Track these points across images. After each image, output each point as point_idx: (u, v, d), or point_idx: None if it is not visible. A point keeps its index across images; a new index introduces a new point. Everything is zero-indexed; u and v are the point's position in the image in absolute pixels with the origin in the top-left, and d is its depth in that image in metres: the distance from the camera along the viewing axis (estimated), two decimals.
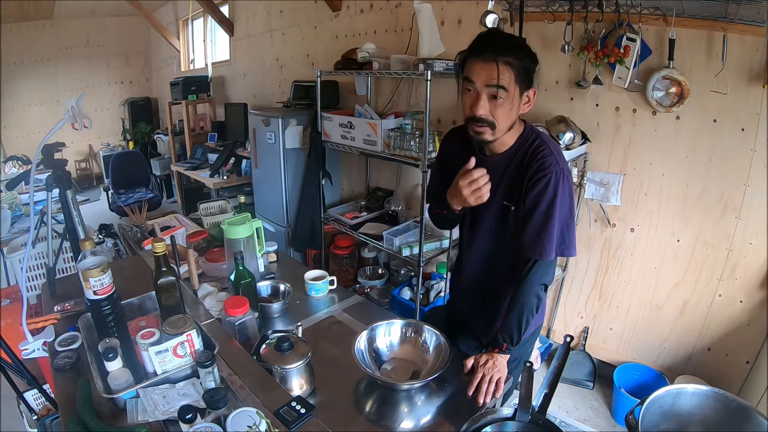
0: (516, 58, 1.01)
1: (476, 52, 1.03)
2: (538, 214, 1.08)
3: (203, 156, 4.60)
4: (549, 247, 1.08)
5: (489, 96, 1.04)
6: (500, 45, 1.03)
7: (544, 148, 1.11)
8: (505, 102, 1.04)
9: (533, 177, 1.08)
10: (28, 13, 5.49)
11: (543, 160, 1.08)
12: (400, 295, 2.60)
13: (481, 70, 1.02)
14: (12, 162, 4.67)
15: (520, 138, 1.14)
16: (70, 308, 1.34)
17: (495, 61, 1.00)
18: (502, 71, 1.01)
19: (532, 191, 1.08)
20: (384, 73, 2.43)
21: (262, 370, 1.03)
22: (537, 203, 1.08)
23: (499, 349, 1.12)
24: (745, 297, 1.86)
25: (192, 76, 5.17)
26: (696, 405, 0.86)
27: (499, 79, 1.01)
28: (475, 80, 1.04)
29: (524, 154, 1.12)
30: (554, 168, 1.07)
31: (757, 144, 1.71)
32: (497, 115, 1.05)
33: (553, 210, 1.07)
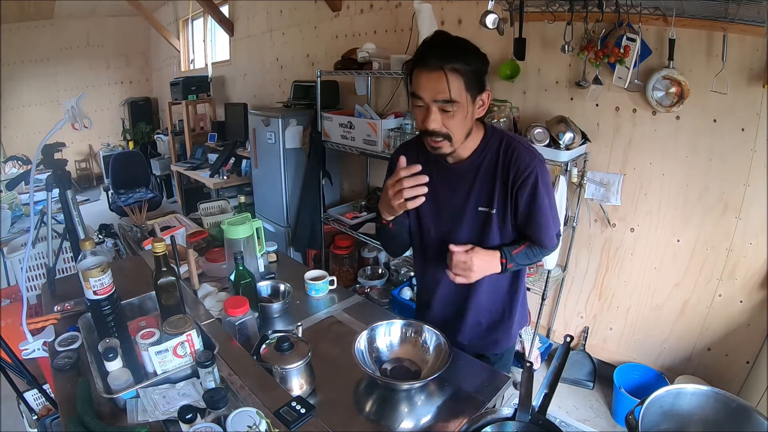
0: (464, 63, 0.96)
1: (421, 63, 0.97)
2: (537, 213, 1.10)
3: (203, 156, 4.60)
4: (550, 238, 1.14)
5: (439, 109, 0.98)
6: (446, 52, 0.96)
7: (516, 145, 1.09)
8: (457, 113, 0.99)
9: (519, 178, 1.07)
10: (28, 13, 5.50)
11: (521, 158, 1.07)
12: (400, 295, 2.60)
13: (428, 82, 0.96)
14: (12, 162, 4.67)
15: (483, 140, 1.11)
16: (70, 308, 1.34)
17: (441, 69, 0.94)
18: (451, 81, 0.95)
19: (523, 191, 1.08)
20: (384, 73, 2.43)
21: (262, 370, 1.03)
22: (533, 203, 1.09)
23: None
24: (745, 297, 1.86)
25: (192, 76, 5.17)
26: (696, 405, 0.86)
27: (442, 92, 0.95)
28: (422, 95, 0.98)
29: (495, 156, 1.10)
30: (534, 162, 1.07)
31: (757, 144, 1.71)
32: (451, 126, 1.01)
33: (546, 203, 1.10)
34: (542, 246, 1.16)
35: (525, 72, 2.23)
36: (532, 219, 1.11)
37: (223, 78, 5.03)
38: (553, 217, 1.14)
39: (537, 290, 2.17)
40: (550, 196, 1.12)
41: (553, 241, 1.16)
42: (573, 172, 2.07)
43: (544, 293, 2.15)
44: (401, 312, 2.52)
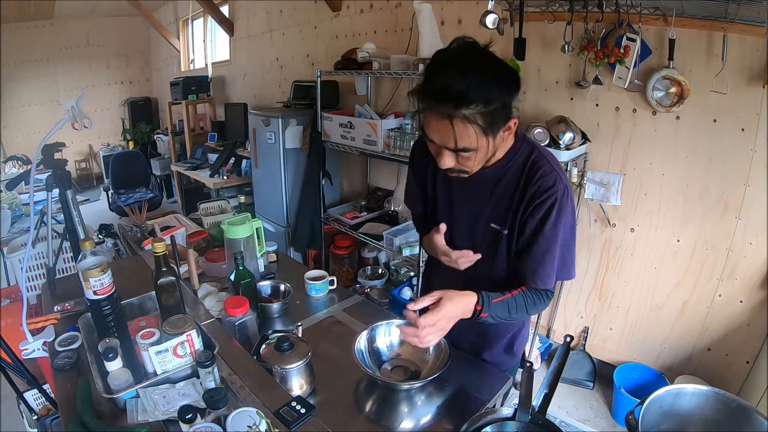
0: (484, 103, 0.80)
1: (430, 106, 0.83)
2: (541, 242, 0.96)
3: (203, 156, 4.60)
4: (549, 277, 0.98)
5: (452, 152, 0.89)
6: (458, 94, 0.78)
7: (543, 164, 0.96)
8: (472, 155, 0.88)
9: (534, 200, 0.95)
10: (28, 13, 5.50)
11: (544, 179, 0.94)
12: (400, 295, 2.60)
13: (436, 130, 0.85)
14: (12, 162, 4.68)
15: (510, 151, 0.99)
16: (70, 308, 1.33)
17: (449, 119, 0.81)
18: (463, 131, 0.82)
19: (533, 216, 0.96)
20: (384, 73, 2.43)
21: (262, 370, 1.03)
22: (540, 230, 0.96)
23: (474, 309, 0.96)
24: (745, 297, 1.86)
25: (192, 76, 5.17)
26: (696, 405, 0.86)
27: (457, 142, 0.84)
28: (432, 139, 0.88)
29: (519, 171, 0.98)
30: (558, 187, 0.94)
31: (757, 144, 1.71)
32: (466, 165, 0.91)
33: (555, 236, 0.95)
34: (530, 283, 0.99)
35: (525, 72, 2.23)
36: (533, 248, 0.97)
37: (223, 78, 5.03)
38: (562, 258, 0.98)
39: None
40: (565, 231, 0.96)
41: (546, 282, 0.98)
42: (573, 172, 2.07)
43: None
44: (401, 312, 2.52)
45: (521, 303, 1.00)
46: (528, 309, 1.01)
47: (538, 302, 1.02)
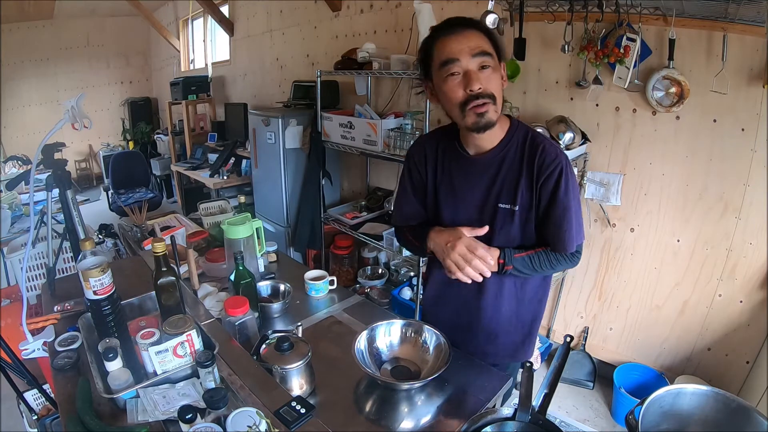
0: (485, 30, 1.00)
1: (446, 31, 0.98)
2: (557, 210, 1.04)
3: (203, 156, 4.60)
4: (570, 240, 1.05)
5: (478, 67, 0.96)
6: (466, 20, 1.00)
7: (542, 139, 1.06)
8: (494, 71, 0.98)
9: (544, 171, 1.02)
10: (28, 13, 5.49)
11: (546, 151, 1.03)
12: (400, 295, 2.61)
13: (460, 43, 0.96)
14: (12, 162, 4.68)
15: (508, 132, 1.08)
16: (70, 308, 1.34)
17: (472, 28, 0.98)
18: (481, 38, 0.97)
19: (545, 188, 1.03)
20: (384, 73, 2.43)
21: (262, 370, 1.03)
22: (554, 199, 1.03)
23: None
24: (745, 297, 1.86)
25: (192, 76, 5.17)
26: (696, 405, 0.86)
27: (477, 47, 0.96)
28: (458, 56, 0.96)
29: (520, 149, 1.06)
30: (561, 157, 1.03)
31: (757, 144, 1.71)
32: (492, 86, 0.98)
33: (569, 202, 1.03)
34: (556, 250, 1.07)
35: (525, 72, 2.23)
36: (550, 215, 1.05)
37: (223, 78, 5.03)
38: (576, 221, 1.06)
39: None
40: (575, 198, 1.05)
41: (570, 245, 1.06)
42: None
43: None
44: (401, 312, 2.52)
45: (544, 258, 1.08)
46: (553, 265, 1.10)
47: (563, 261, 1.10)
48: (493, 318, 1.20)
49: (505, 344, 1.23)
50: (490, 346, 1.23)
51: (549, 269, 1.10)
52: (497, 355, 1.24)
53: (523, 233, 1.09)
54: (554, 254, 1.08)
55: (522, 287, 1.18)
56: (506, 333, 1.22)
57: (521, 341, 1.24)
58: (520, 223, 1.08)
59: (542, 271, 1.10)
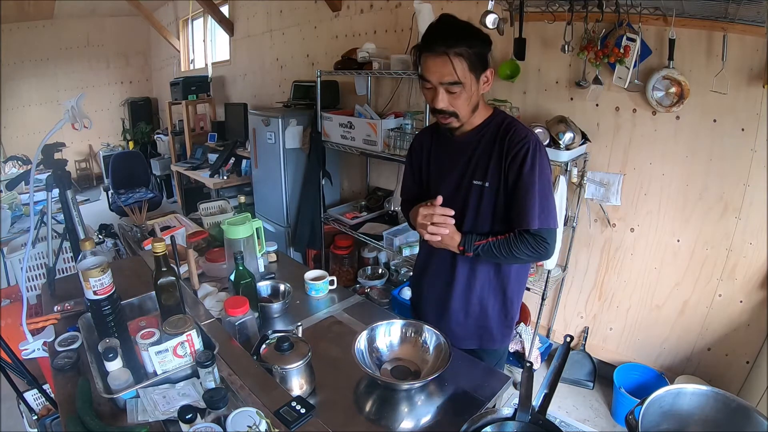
0: (467, 46, 1.03)
1: (427, 48, 1.05)
2: (521, 187, 1.10)
3: (203, 156, 4.60)
4: (532, 218, 1.09)
5: (446, 90, 1.07)
6: (449, 36, 1.04)
7: (515, 124, 1.15)
8: (462, 93, 1.07)
9: (511, 149, 1.10)
10: (28, 13, 5.49)
11: (516, 133, 1.12)
12: (400, 295, 2.60)
13: (434, 66, 1.05)
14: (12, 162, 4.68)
15: (488, 118, 1.18)
16: (70, 308, 1.34)
17: (446, 54, 1.02)
18: (455, 65, 1.03)
19: (513, 164, 1.10)
20: (384, 73, 2.43)
21: (262, 370, 1.03)
22: (519, 177, 1.10)
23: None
24: (745, 297, 1.86)
25: (192, 76, 5.17)
26: (696, 405, 0.86)
27: (448, 74, 1.04)
28: (429, 78, 1.07)
29: (495, 132, 1.15)
30: (530, 137, 1.10)
31: (757, 144, 1.71)
32: (457, 105, 1.09)
33: (533, 180, 1.09)
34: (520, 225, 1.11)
35: (525, 72, 2.23)
36: (518, 192, 1.11)
37: (223, 78, 5.03)
38: (540, 200, 1.09)
39: (537, 290, 2.17)
40: (541, 178, 1.10)
41: (530, 222, 1.09)
42: (573, 172, 2.07)
43: (544, 293, 2.15)
44: (401, 312, 2.52)
45: (505, 244, 1.13)
46: (514, 251, 1.13)
47: (526, 248, 1.12)
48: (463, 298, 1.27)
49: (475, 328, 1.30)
50: (459, 328, 1.30)
51: (510, 257, 1.14)
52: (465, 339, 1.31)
53: (493, 211, 1.17)
54: (518, 239, 1.12)
55: (497, 276, 1.25)
56: (476, 317, 1.29)
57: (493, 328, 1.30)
58: (490, 201, 1.16)
59: (507, 256, 1.14)
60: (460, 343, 1.28)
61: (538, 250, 1.12)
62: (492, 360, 1.34)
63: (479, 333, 1.31)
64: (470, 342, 1.32)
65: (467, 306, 1.28)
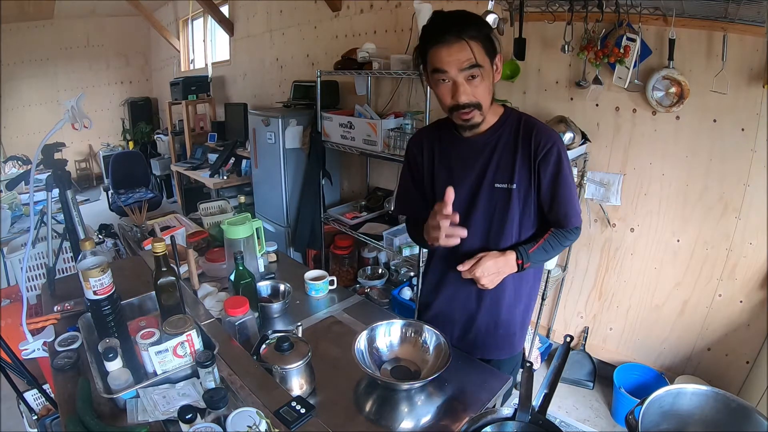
0: (477, 30, 0.97)
1: (437, 39, 0.97)
2: (563, 187, 1.07)
3: (203, 156, 4.60)
4: (577, 214, 1.11)
5: (466, 79, 0.99)
6: (458, 23, 0.97)
7: (535, 121, 1.09)
8: (483, 79, 1.00)
9: (541, 149, 1.05)
10: (28, 13, 5.49)
11: (541, 131, 1.07)
12: (400, 295, 2.60)
13: (450, 55, 0.96)
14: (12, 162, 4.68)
15: (501, 117, 1.11)
16: (70, 308, 1.34)
17: (462, 39, 0.95)
18: (474, 48, 0.96)
19: (545, 164, 1.06)
20: (384, 73, 2.43)
21: (262, 370, 1.03)
22: (557, 177, 1.06)
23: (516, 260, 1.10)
24: (745, 297, 1.86)
25: (192, 76, 5.17)
26: (696, 405, 0.86)
27: (467, 60, 0.96)
28: (447, 69, 0.98)
29: (514, 130, 1.08)
30: (555, 136, 1.07)
31: (757, 144, 1.71)
32: (479, 94, 1.01)
33: (571, 178, 1.08)
34: (566, 225, 1.11)
35: (525, 72, 2.23)
36: (558, 193, 1.08)
37: (223, 78, 5.03)
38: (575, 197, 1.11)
39: None
40: (571, 174, 1.10)
41: (579, 217, 1.11)
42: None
43: (544, 293, 2.15)
44: (401, 312, 2.52)
45: (554, 242, 1.13)
46: (562, 243, 1.14)
47: (570, 236, 1.15)
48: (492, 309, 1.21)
49: (503, 337, 1.25)
50: (489, 339, 1.24)
51: (559, 248, 1.15)
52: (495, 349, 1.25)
53: (522, 213, 1.11)
54: (561, 232, 1.13)
55: (520, 279, 1.20)
56: (505, 325, 1.23)
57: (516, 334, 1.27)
58: (519, 203, 1.10)
59: (558, 249, 1.15)
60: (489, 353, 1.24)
61: (576, 235, 1.17)
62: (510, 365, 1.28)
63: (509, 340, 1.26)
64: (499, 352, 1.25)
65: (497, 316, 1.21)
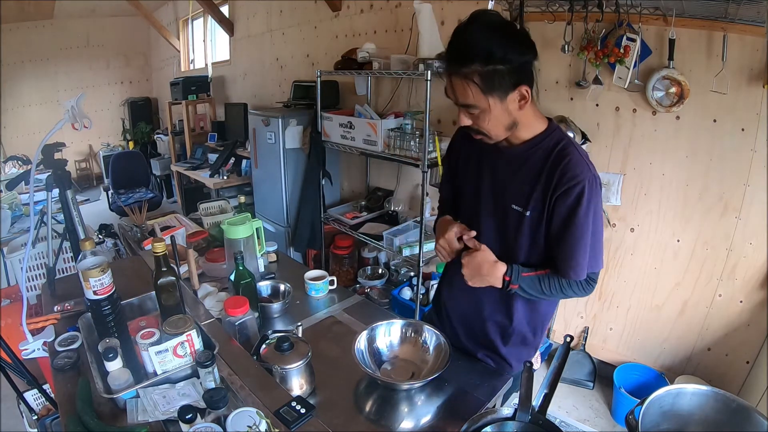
0: (482, 63, 0.86)
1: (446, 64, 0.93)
2: (572, 232, 0.96)
3: (203, 156, 4.60)
4: (581, 268, 0.98)
5: (465, 110, 0.95)
6: (461, 53, 0.89)
7: (572, 151, 0.96)
8: (482, 114, 0.93)
9: (563, 185, 0.94)
10: (28, 13, 5.49)
11: (572, 165, 0.94)
12: (400, 295, 2.60)
13: (450, 86, 0.94)
14: (12, 162, 4.69)
15: (541, 134, 1.00)
16: (70, 308, 1.34)
17: (456, 75, 0.90)
18: (463, 88, 0.90)
19: (563, 203, 0.95)
20: (384, 73, 2.43)
21: (262, 370, 1.03)
22: (571, 219, 0.95)
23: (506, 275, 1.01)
24: (745, 297, 1.86)
25: (192, 76, 5.17)
26: (696, 405, 0.86)
27: (461, 97, 0.92)
28: (450, 97, 0.97)
29: (546, 155, 0.98)
30: (586, 175, 0.94)
31: (757, 144, 1.71)
32: (481, 125, 0.96)
33: (587, 225, 0.96)
34: (564, 276, 1.00)
35: None
36: (564, 237, 0.97)
37: (223, 78, 5.03)
38: (593, 247, 0.98)
39: None
40: (596, 222, 0.97)
41: (578, 273, 0.98)
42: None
43: None
44: (401, 312, 2.52)
45: (555, 282, 1.02)
46: (564, 290, 1.02)
47: (576, 288, 1.03)
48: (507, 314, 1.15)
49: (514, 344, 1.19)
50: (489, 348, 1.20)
51: (559, 294, 1.03)
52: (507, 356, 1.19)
53: (531, 241, 1.03)
54: (564, 280, 1.02)
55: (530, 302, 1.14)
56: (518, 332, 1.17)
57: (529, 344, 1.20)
58: (529, 230, 1.02)
59: (550, 295, 1.03)
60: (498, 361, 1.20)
61: (585, 291, 1.04)
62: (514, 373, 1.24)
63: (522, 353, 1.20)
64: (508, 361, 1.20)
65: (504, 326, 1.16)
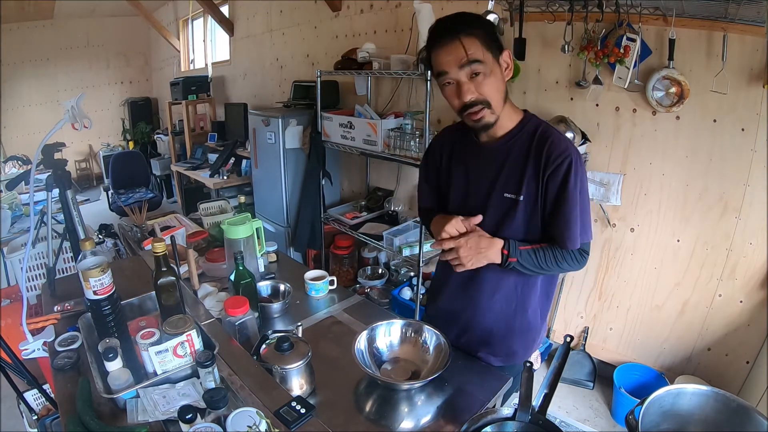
0: (473, 26, 0.97)
1: (435, 42, 0.99)
2: (565, 205, 1.02)
3: (203, 156, 4.60)
4: (576, 237, 1.03)
5: (468, 77, 0.98)
6: (453, 23, 0.98)
7: (552, 132, 1.04)
8: (486, 75, 0.98)
9: (551, 163, 1.01)
10: (28, 13, 5.49)
11: (556, 144, 1.01)
12: (400, 295, 2.60)
13: (447, 55, 0.97)
14: (12, 162, 4.68)
15: (519, 123, 1.07)
16: (70, 308, 1.34)
17: (457, 38, 0.95)
18: (468, 44, 0.95)
19: (554, 178, 1.01)
20: (384, 73, 2.43)
21: (262, 370, 1.03)
22: (563, 193, 1.01)
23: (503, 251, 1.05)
24: (745, 297, 1.86)
25: (192, 76, 5.17)
26: (696, 405, 0.86)
27: (468, 54, 0.95)
28: (447, 69, 0.98)
29: (529, 140, 1.05)
30: (571, 150, 1.01)
31: (757, 144, 1.71)
32: (485, 91, 0.99)
33: (576, 197, 1.02)
34: (563, 246, 1.05)
35: (525, 72, 2.23)
36: (558, 210, 1.03)
37: (223, 78, 5.03)
38: (583, 217, 1.04)
39: None
40: (583, 193, 1.03)
41: (575, 241, 1.04)
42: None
43: None
44: (401, 312, 2.52)
45: (550, 255, 1.06)
46: (559, 262, 1.06)
47: (570, 259, 1.07)
48: (487, 316, 1.18)
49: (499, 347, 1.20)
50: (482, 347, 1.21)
51: (555, 267, 1.07)
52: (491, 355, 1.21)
53: (527, 226, 1.08)
54: (560, 251, 1.06)
55: (523, 290, 1.15)
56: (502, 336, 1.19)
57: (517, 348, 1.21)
58: (524, 215, 1.06)
59: (547, 268, 1.07)
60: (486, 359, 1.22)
61: (579, 263, 1.09)
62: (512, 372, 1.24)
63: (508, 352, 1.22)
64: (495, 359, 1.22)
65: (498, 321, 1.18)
